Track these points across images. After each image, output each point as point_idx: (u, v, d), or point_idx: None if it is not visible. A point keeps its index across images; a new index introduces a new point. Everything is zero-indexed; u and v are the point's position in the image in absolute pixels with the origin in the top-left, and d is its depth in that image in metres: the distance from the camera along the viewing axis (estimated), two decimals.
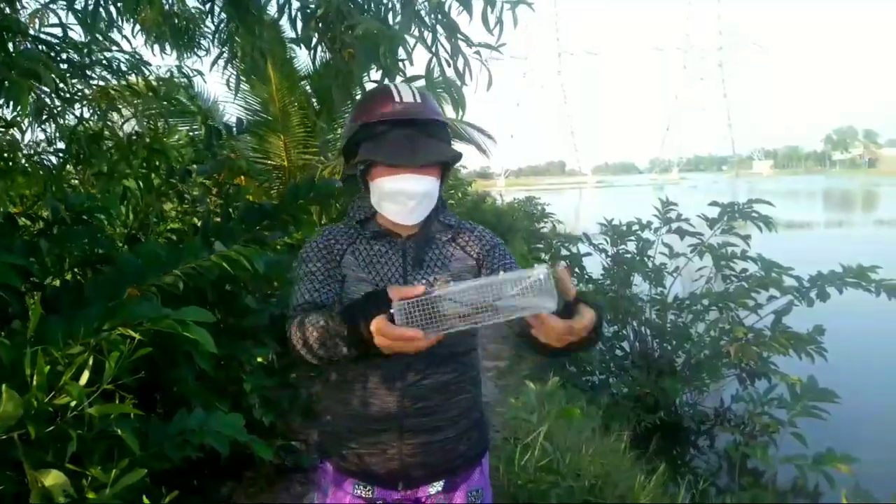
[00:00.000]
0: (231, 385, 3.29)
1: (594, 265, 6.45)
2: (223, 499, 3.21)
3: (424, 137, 1.42)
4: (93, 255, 2.92)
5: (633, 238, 6.28)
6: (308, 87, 6.67)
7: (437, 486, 1.48)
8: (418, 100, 1.44)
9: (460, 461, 1.50)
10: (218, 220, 4.03)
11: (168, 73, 3.69)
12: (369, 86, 2.81)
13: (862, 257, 4.92)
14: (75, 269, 2.76)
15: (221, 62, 3.10)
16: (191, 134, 5.27)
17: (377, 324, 1.08)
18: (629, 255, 6.22)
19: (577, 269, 6.33)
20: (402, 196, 1.41)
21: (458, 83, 2.47)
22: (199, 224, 3.86)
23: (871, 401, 5.42)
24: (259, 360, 3.38)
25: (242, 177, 4.91)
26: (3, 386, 1.82)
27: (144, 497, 2.24)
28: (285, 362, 4.18)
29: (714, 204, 5.76)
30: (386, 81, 1.59)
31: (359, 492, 1.45)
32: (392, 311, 1.08)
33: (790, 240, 15.12)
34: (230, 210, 3.89)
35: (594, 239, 6.46)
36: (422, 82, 2.71)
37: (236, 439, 2.52)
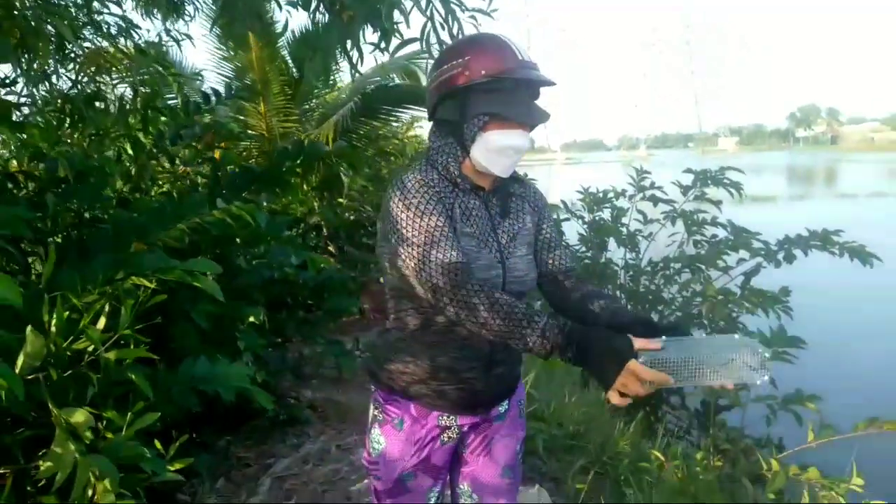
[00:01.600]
0: (225, 344, 3.37)
1: (571, 233, 6.61)
2: (221, 450, 3.32)
3: (535, 99, 1.53)
4: (93, 212, 2.98)
5: (608, 205, 6.46)
6: (288, 56, 6.68)
7: (504, 405, 1.71)
8: (529, 58, 1.49)
9: (516, 380, 1.74)
10: (204, 181, 4.08)
11: (157, 37, 3.72)
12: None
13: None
14: (81, 227, 2.82)
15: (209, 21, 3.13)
16: (171, 102, 5.26)
17: (634, 366, 1.22)
18: (604, 222, 6.40)
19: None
20: (511, 150, 1.49)
21: None
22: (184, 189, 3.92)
23: (832, 358, 5.72)
24: (251, 319, 3.44)
25: (223, 143, 4.94)
26: (28, 328, 1.90)
27: (157, 441, 2.34)
28: (275, 324, 4.28)
29: (688, 171, 5.96)
30: (494, 33, 1.57)
31: (442, 422, 1.61)
32: (641, 360, 1.24)
33: (756, 213, 15.52)
34: (218, 174, 3.94)
35: (571, 207, 6.60)
36: (417, 45, 2.81)
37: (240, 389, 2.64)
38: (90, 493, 1.87)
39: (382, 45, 2.56)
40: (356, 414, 3.87)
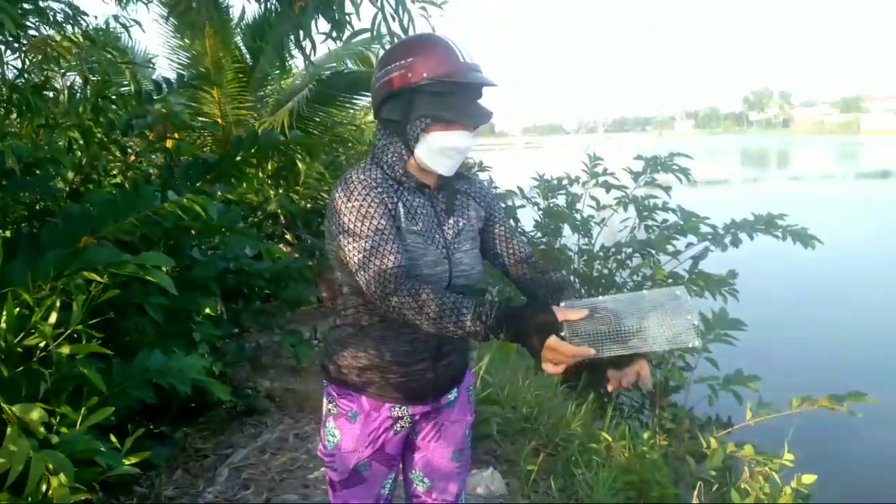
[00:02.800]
0: (180, 336, 3.36)
1: (526, 219, 6.71)
2: (177, 442, 3.32)
3: (478, 98, 1.56)
4: (44, 205, 2.95)
5: (563, 192, 6.56)
6: (241, 43, 6.60)
7: (453, 393, 1.77)
8: (475, 61, 1.53)
9: (464, 368, 1.81)
10: (157, 171, 4.04)
11: (105, 24, 3.67)
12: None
13: (776, 211, 5.28)
14: (31, 220, 2.79)
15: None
16: (122, 90, 5.18)
17: (553, 343, 1.27)
18: (559, 209, 6.50)
19: (512, 221, 6.57)
20: (453, 151, 1.53)
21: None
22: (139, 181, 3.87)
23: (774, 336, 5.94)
24: (207, 311, 3.43)
25: (177, 133, 4.88)
26: None
27: (112, 436, 2.34)
28: (233, 313, 4.28)
29: (639, 158, 6.09)
30: (435, 33, 1.58)
31: (395, 412, 1.66)
32: (563, 333, 1.28)
33: (710, 195, 15.88)
34: (171, 165, 3.91)
35: (527, 193, 6.69)
36: (366, 36, 2.83)
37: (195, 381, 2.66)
38: (44, 488, 1.88)
39: (334, 34, 2.58)
40: (314, 403, 3.90)
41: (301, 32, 2.61)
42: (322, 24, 2.80)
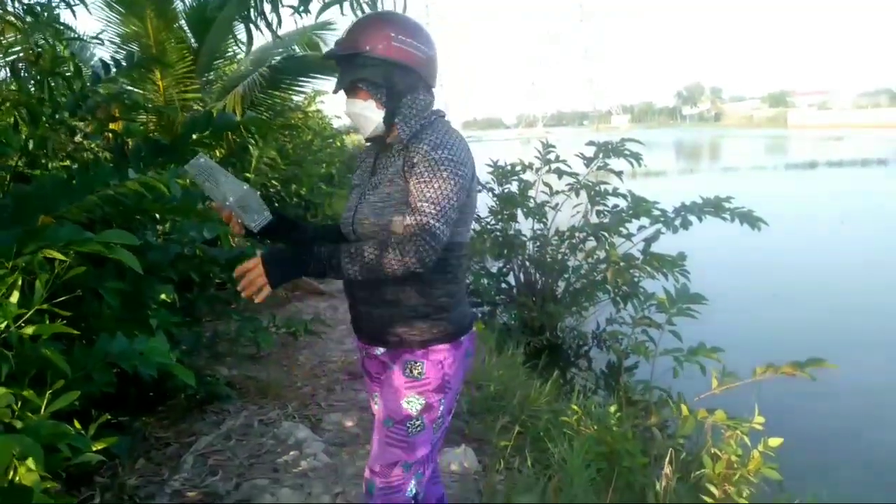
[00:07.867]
0: (137, 322, 3.25)
1: (481, 206, 6.73)
2: (138, 431, 3.22)
3: (344, 67, 1.71)
4: None
5: (516, 178, 6.62)
6: (185, 25, 6.38)
7: (379, 350, 1.84)
8: (346, 35, 1.71)
9: (397, 340, 1.75)
10: (106, 154, 3.89)
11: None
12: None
13: None
14: None
15: None
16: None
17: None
18: (513, 195, 6.56)
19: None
20: (350, 116, 1.78)
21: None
22: (90, 162, 3.71)
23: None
24: (163, 297, 3.33)
25: (126, 115, 4.69)
26: None
27: (75, 420, 2.26)
28: (186, 301, 4.15)
29: (591, 143, 6.19)
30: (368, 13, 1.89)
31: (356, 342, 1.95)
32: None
33: (649, 186, 16.26)
34: (122, 147, 3.77)
35: (482, 179, 6.72)
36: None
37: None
38: (10, 474, 1.80)
39: (301, 8, 2.52)
40: (276, 389, 3.84)
41: (268, 5, 2.55)
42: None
